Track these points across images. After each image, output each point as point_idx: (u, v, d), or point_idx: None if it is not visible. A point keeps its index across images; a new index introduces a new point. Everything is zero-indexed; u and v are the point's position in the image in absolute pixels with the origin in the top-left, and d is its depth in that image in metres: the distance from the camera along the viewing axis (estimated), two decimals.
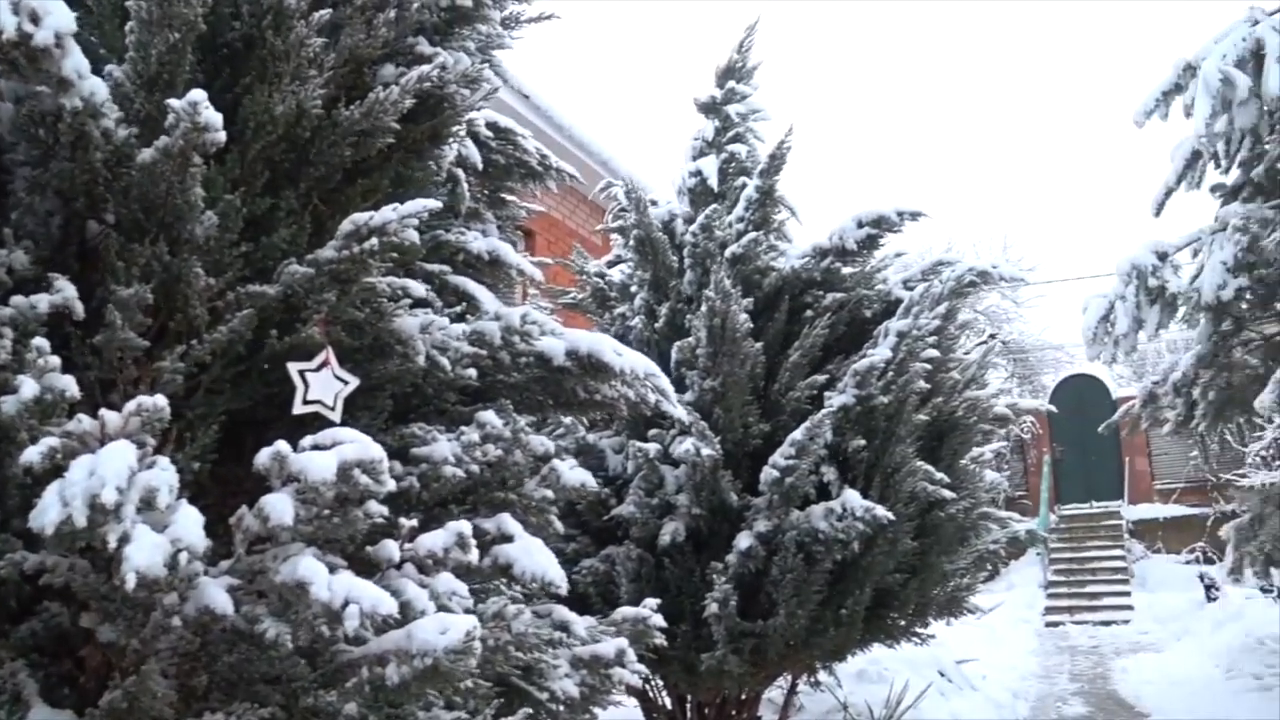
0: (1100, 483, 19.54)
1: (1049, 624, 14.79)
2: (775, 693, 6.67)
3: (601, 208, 12.03)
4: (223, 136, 2.14)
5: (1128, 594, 15.51)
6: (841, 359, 5.65)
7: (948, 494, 5.45)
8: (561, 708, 2.88)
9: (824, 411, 4.86)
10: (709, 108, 7.19)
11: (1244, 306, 8.55)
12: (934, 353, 5.74)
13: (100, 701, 1.71)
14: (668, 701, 5.81)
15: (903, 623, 5.86)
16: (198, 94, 2.09)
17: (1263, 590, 13.26)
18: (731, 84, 7.19)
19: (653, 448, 4.96)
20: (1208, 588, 14.32)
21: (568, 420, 5.21)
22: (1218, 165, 8.98)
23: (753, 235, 5.73)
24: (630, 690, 5.17)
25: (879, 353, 5.24)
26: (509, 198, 4.51)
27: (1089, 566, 16.59)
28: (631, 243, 6.18)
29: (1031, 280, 21.12)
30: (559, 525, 2.98)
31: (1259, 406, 7.58)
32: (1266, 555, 8.57)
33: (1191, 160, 9.06)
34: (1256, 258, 7.78)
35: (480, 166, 3.94)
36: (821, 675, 6.31)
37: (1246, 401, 8.33)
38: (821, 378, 5.38)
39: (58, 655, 1.96)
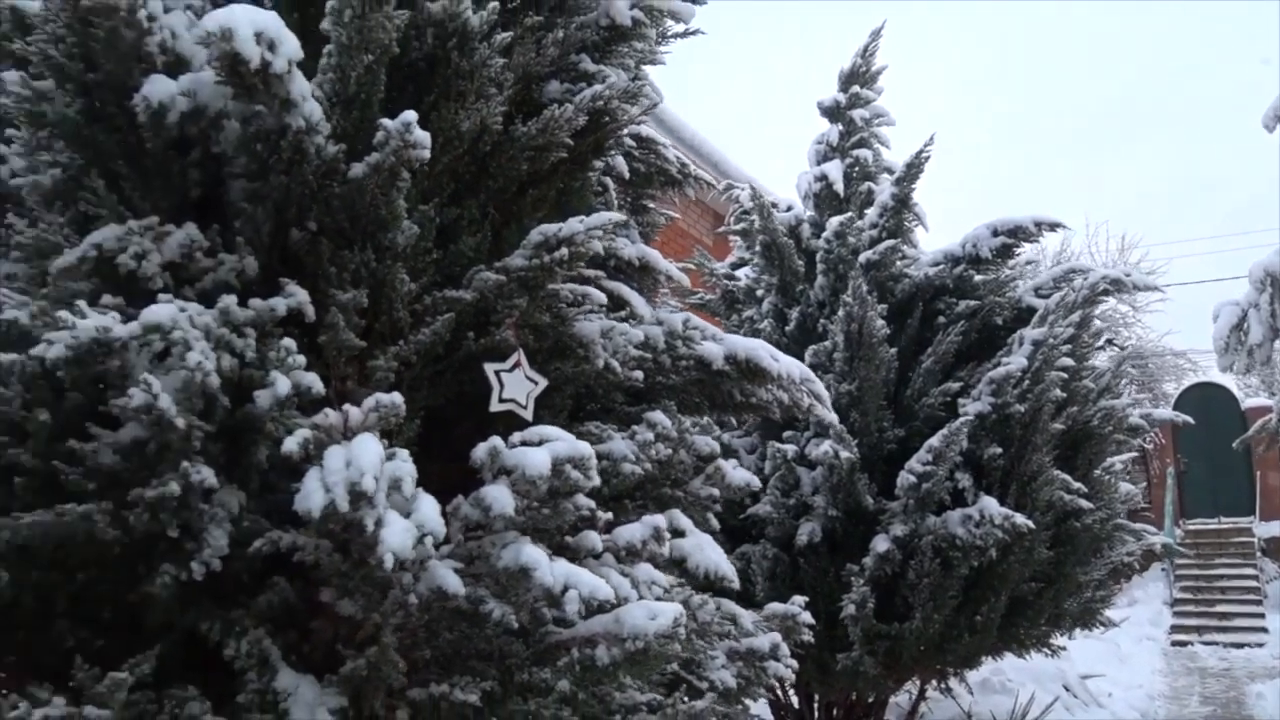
0: (1228, 497, 18.75)
1: (1175, 643, 14.27)
2: (899, 697, 6.66)
3: (712, 208, 12.08)
4: (428, 153, 2.31)
5: (1261, 615, 14.84)
6: (974, 366, 5.65)
7: (1085, 504, 5.39)
8: (718, 698, 2.98)
9: (962, 419, 4.87)
10: (832, 112, 7.22)
11: None
12: (1069, 361, 5.67)
13: (341, 669, 1.88)
14: (795, 700, 5.87)
15: (1035, 633, 5.80)
16: (410, 115, 2.25)
17: None
18: (855, 88, 7.20)
19: (790, 449, 5.04)
20: None
21: (704, 421, 5.31)
22: None
23: (889, 243, 5.75)
24: None
25: (1015, 361, 5.21)
26: (650, 204, 4.64)
27: (1218, 585, 15.94)
28: (757, 247, 6.26)
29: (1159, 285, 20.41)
30: (715, 523, 3.09)
31: None
32: None
33: None
34: None
35: (626, 175, 4.06)
36: (951, 682, 6.28)
37: None
38: (955, 385, 5.39)
39: (284, 626, 2.14)
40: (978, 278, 6.09)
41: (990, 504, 4.77)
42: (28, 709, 1.82)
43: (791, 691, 5.87)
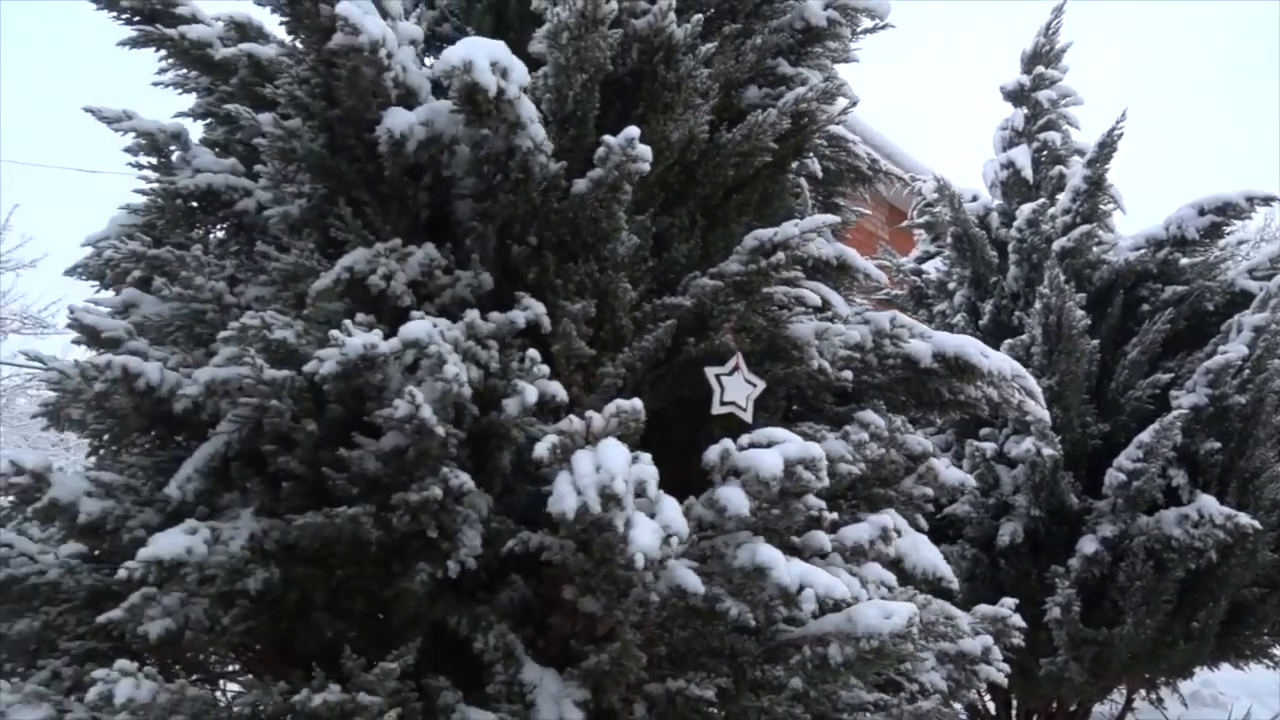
0: None
1: None
2: (1103, 705, 6.38)
3: (889, 202, 11.83)
4: (648, 167, 2.39)
5: None
6: (1183, 356, 5.35)
7: None
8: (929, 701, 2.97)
9: (1175, 413, 4.64)
10: (1016, 96, 6.97)
11: None
12: None
13: (583, 664, 1.99)
14: (992, 706, 5.72)
15: (1256, 642, 5.44)
16: (632, 131, 2.34)
17: None
18: (1040, 69, 6.93)
19: (989, 447, 4.93)
20: None
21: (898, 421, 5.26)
22: None
23: (1084, 228, 5.52)
24: None
25: (1233, 349, 4.92)
26: (840, 202, 4.62)
27: None
28: (948, 239, 6.12)
29: None
30: (924, 523, 3.06)
31: None
32: None
33: None
34: None
35: (819, 175, 4.05)
36: (1161, 692, 5.98)
37: None
38: (1164, 376, 5.13)
39: (522, 622, 2.27)
40: (1184, 261, 5.75)
41: (1209, 502, 4.52)
42: (308, 694, 2.00)
43: (988, 696, 5.72)
